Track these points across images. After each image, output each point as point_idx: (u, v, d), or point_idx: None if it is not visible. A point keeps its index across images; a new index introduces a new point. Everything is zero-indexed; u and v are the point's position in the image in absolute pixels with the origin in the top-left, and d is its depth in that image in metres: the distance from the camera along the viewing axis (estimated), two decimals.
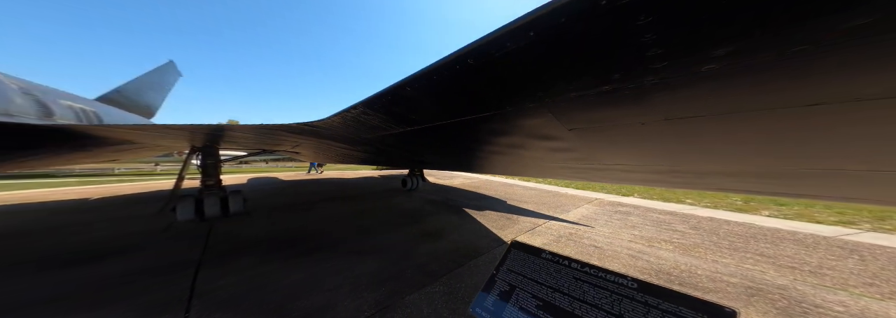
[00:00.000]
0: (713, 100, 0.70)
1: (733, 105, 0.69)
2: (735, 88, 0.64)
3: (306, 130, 2.12)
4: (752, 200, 6.20)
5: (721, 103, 0.70)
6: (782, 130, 0.75)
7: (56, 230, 3.60)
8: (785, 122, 0.71)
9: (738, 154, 0.99)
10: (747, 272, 2.40)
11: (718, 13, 0.47)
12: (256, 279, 2.22)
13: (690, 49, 0.56)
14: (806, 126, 0.71)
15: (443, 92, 1.03)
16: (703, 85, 0.65)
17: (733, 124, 0.78)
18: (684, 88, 0.67)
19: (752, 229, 3.74)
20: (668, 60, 0.60)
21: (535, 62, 0.71)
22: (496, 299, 0.88)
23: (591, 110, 0.91)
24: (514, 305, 0.82)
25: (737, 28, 0.49)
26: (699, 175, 1.40)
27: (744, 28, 0.48)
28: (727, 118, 0.75)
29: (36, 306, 1.80)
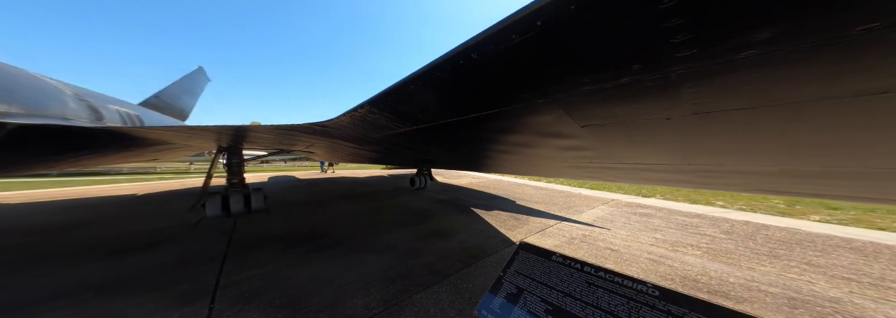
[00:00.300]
0: (757, 91, 0.60)
1: (783, 95, 0.59)
2: (783, 77, 0.55)
3: (318, 130, 2.20)
4: (797, 202, 5.56)
5: (767, 94, 0.60)
6: (847, 124, 0.64)
7: (109, 222, 4.04)
8: (849, 114, 0.60)
9: (789, 152, 0.86)
10: (791, 282, 2.15)
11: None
12: (274, 273, 2.34)
13: (727, 34, 0.48)
14: (877, 119, 0.60)
15: (446, 89, 1.01)
16: (743, 74, 0.56)
17: (783, 118, 0.67)
18: (719, 77, 0.59)
19: (798, 236, 3.36)
20: (698, 47, 0.52)
21: (544, 55, 0.66)
22: (503, 301, 0.85)
23: (608, 105, 0.84)
24: (522, 308, 0.79)
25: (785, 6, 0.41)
26: (736, 175, 1.25)
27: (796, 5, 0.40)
28: (774, 110, 0.65)
29: (88, 290, 2.03)
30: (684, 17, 0.47)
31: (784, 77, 0.54)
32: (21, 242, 3.21)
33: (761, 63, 0.52)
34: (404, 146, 2.51)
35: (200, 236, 3.44)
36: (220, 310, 1.78)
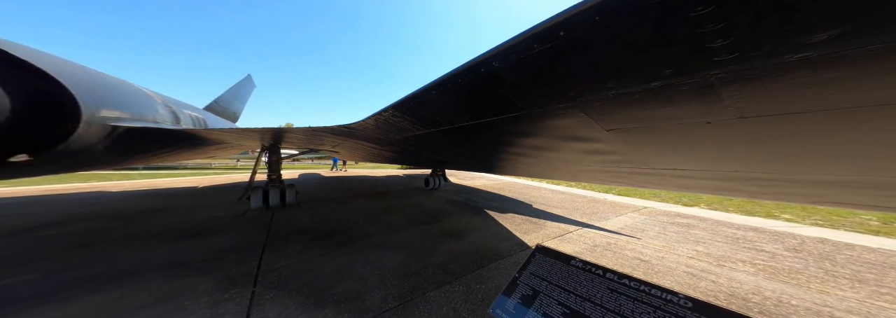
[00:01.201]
0: (816, 93, 0.53)
1: (844, 99, 0.52)
2: (844, 78, 0.47)
3: (344, 132, 2.39)
4: (894, 220, 4.50)
5: (824, 97, 0.53)
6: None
7: (178, 211, 4.80)
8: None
9: (852, 159, 0.73)
10: (879, 312, 1.77)
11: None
12: (303, 263, 2.58)
13: (773, 38, 0.43)
14: None
15: (467, 95, 1.04)
16: (797, 76, 0.50)
17: (846, 121, 0.58)
18: (768, 80, 0.53)
19: (863, 253, 2.74)
20: (739, 51, 0.48)
21: (565, 62, 0.66)
22: (518, 302, 0.85)
23: (636, 109, 0.79)
24: (537, 310, 0.78)
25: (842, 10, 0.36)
26: (799, 184, 1.06)
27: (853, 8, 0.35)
28: (838, 115, 0.56)
29: (162, 268, 2.44)
30: (723, 23, 0.44)
31: (850, 79, 0.47)
32: (122, 223, 3.97)
33: (822, 64, 0.46)
34: (422, 148, 2.59)
35: (245, 226, 3.91)
36: (260, 293, 2.02)
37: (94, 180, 9.63)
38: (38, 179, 9.21)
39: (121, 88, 2.47)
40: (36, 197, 6.17)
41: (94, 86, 1.88)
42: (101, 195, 6.54)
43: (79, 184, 8.49)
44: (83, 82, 1.77)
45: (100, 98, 1.90)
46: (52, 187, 7.69)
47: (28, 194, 6.51)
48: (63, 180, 9.40)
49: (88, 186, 8.17)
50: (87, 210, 4.89)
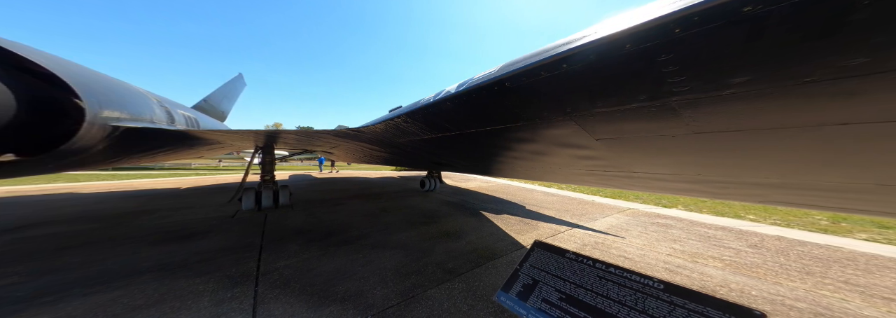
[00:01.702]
0: (746, 117, 0.72)
1: (763, 122, 0.70)
2: (761, 108, 0.66)
3: (351, 135, 2.45)
4: (842, 219, 5.08)
5: (750, 120, 0.72)
6: (818, 147, 0.73)
7: (164, 212, 4.59)
8: (819, 138, 0.69)
9: (777, 165, 0.94)
10: (822, 299, 2.05)
11: (724, 57, 0.54)
12: (302, 264, 2.58)
13: (708, 80, 0.62)
14: (830, 144, 0.69)
15: (479, 107, 1.18)
16: (730, 105, 0.69)
17: (771, 138, 0.77)
18: (711, 107, 0.71)
19: (838, 254, 3.12)
20: (689, 86, 0.66)
21: (565, 87, 0.82)
22: (520, 290, 0.97)
23: (620, 123, 0.96)
24: (537, 296, 0.90)
25: (746, 63, 0.55)
26: (748, 186, 1.29)
27: (752, 64, 0.54)
28: (764, 133, 0.75)
29: (152, 272, 2.38)
30: (677, 66, 0.60)
31: (768, 109, 0.65)
32: (104, 225, 3.76)
33: (744, 97, 0.64)
34: (426, 151, 2.70)
35: (238, 227, 3.82)
36: (263, 293, 2.03)
37: (60, 181, 8.91)
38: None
39: (120, 88, 2.41)
40: (5, 198, 5.66)
41: (97, 86, 1.85)
42: (74, 197, 6.10)
43: (45, 185, 7.84)
44: (87, 83, 1.75)
45: (102, 98, 1.87)
46: (18, 189, 7.07)
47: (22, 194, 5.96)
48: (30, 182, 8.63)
49: (57, 187, 7.57)
50: (66, 212, 4.58)
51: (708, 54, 0.56)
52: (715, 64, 0.58)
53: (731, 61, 0.56)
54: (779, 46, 0.49)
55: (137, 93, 2.90)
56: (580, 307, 0.81)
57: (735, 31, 0.49)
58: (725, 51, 0.53)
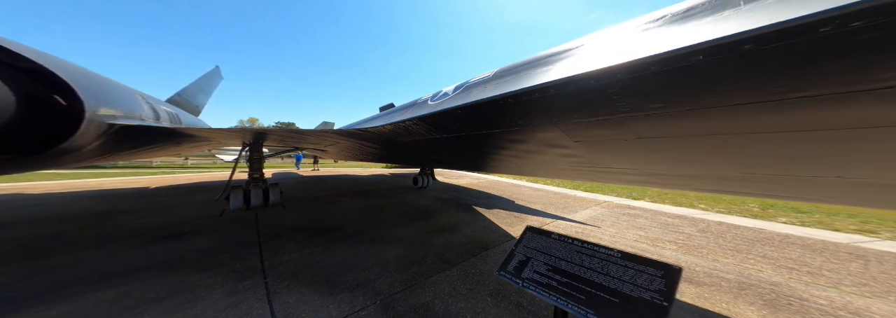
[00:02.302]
0: (664, 127, 1.05)
1: (678, 129, 1.03)
2: (669, 123, 0.99)
3: (357, 134, 2.54)
4: (770, 206, 6.09)
5: (670, 129, 1.05)
6: (719, 150, 1.11)
7: (144, 212, 4.30)
8: (720, 143, 1.06)
9: (696, 161, 1.33)
10: (744, 271, 2.58)
11: (648, 92, 0.85)
12: (306, 258, 2.67)
13: (637, 105, 0.94)
14: (718, 148, 1.07)
15: (484, 114, 1.39)
16: (652, 120, 1.01)
17: (689, 142, 1.11)
18: (643, 121, 1.04)
19: (762, 234, 3.82)
20: (628, 108, 0.97)
21: (552, 103, 1.07)
22: (516, 265, 1.21)
23: (591, 130, 1.26)
24: (530, 269, 1.15)
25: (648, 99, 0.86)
26: (677, 177, 1.73)
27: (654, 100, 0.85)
28: (679, 139, 1.09)
29: (152, 269, 2.34)
30: (620, 95, 0.86)
31: (671, 123, 0.97)
32: (79, 226, 3.49)
33: (661, 116, 0.95)
34: (427, 149, 2.88)
35: (229, 226, 3.74)
36: (274, 284, 2.12)
37: (4, 182, 7.78)
38: None
39: (111, 86, 2.26)
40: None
41: (93, 85, 1.76)
42: (26, 197, 5.44)
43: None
44: (84, 82, 1.67)
45: (99, 97, 1.79)
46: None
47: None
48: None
49: (5, 186, 6.63)
50: (31, 213, 4.15)
51: (636, 90, 0.88)
52: (641, 95, 0.90)
53: (649, 94, 0.88)
54: (674, 90, 0.81)
55: (126, 90, 2.72)
56: (562, 275, 1.06)
57: (652, 78, 0.81)
58: (646, 88, 0.85)
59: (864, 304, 2.01)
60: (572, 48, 1.37)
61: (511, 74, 1.91)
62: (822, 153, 0.90)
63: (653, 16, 1.05)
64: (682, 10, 0.93)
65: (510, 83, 1.70)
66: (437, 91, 3.56)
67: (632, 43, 0.95)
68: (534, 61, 1.73)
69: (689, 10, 0.90)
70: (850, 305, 1.99)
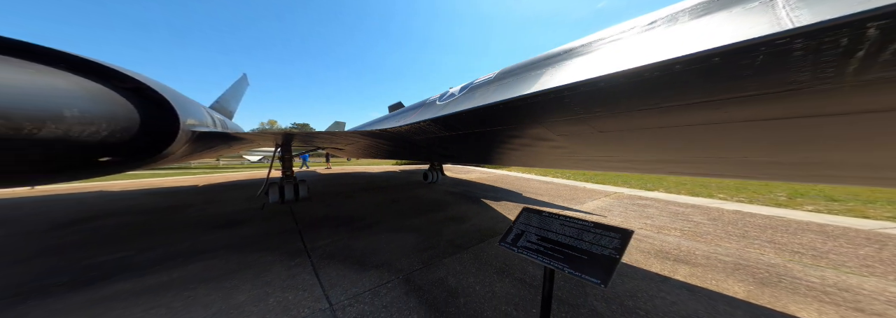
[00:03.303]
0: (611, 123, 1.32)
1: (620, 126, 1.31)
2: (613, 119, 1.25)
3: (376, 134, 2.93)
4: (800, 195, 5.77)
5: (617, 125, 1.31)
6: (652, 141, 1.39)
7: (199, 206, 5.09)
8: (651, 136, 1.33)
9: (644, 149, 1.64)
10: (745, 254, 2.68)
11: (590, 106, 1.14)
12: (338, 243, 3.14)
13: (588, 108, 1.22)
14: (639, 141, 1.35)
15: (491, 115, 1.70)
16: (600, 118, 1.27)
17: (632, 135, 1.39)
18: (595, 121, 1.31)
19: (778, 222, 3.77)
20: (583, 110, 1.25)
21: (540, 108, 1.38)
22: (514, 237, 1.51)
23: (569, 126, 1.54)
24: (525, 239, 1.44)
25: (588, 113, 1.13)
26: (646, 162, 2.01)
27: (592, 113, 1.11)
28: (627, 133, 1.37)
29: (222, 250, 2.92)
30: (575, 102, 1.13)
31: (612, 122, 1.25)
32: (157, 217, 4.28)
33: (605, 116, 1.22)
34: (438, 145, 3.21)
35: (271, 217, 4.35)
36: (317, 262, 2.59)
37: (90, 182, 9.26)
38: None
39: (187, 99, 2.82)
40: (50, 196, 6.10)
41: (179, 100, 2.26)
42: (108, 194, 6.55)
43: (77, 184, 8.22)
44: (175, 98, 2.17)
45: (184, 110, 2.29)
46: (52, 188, 7.46)
47: (39, 195, 6.39)
48: None
49: (86, 186, 7.96)
50: (116, 207, 5.08)
51: (581, 99, 1.16)
52: (587, 104, 1.19)
53: (592, 103, 1.17)
54: (619, 98, 1.05)
55: (194, 102, 3.30)
56: (549, 242, 1.35)
57: (593, 94, 1.08)
58: (587, 99, 1.12)
59: (857, 282, 2.08)
60: (558, 55, 1.63)
61: (510, 76, 2.16)
62: (739, 138, 1.11)
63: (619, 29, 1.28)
64: (646, 23, 1.15)
65: (507, 87, 1.98)
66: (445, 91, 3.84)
67: (586, 65, 1.23)
68: (528, 65, 1.99)
69: (652, 23, 1.12)
70: (843, 282, 2.08)
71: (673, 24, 1.03)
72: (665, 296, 1.94)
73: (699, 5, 1.00)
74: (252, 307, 1.84)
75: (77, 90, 1.57)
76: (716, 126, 1.05)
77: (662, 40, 0.99)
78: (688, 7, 1.04)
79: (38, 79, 1.44)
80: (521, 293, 2.01)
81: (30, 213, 4.68)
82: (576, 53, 1.49)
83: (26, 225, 3.92)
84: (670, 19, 1.06)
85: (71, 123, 1.47)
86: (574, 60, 1.44)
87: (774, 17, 0.73)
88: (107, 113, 1.68)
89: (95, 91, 1.68)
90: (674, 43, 0.92)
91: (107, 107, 1.70)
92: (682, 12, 1.05)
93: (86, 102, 1.58)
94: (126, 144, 1.85)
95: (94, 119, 1.60)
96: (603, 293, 1.99)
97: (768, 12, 0.76)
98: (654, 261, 2.57)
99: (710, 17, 0.93)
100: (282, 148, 5.32)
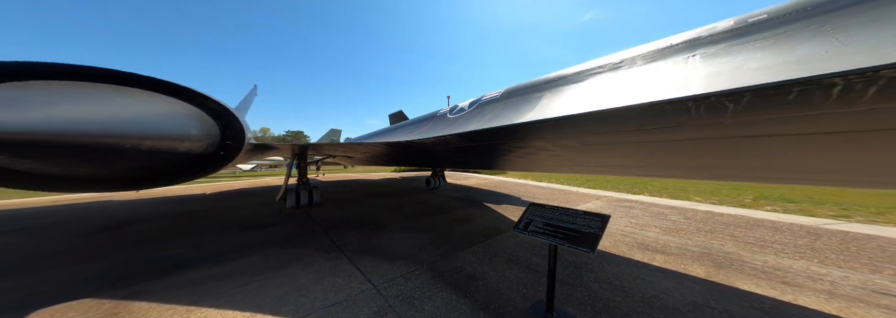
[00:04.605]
0: (590, 139, 1.84)
1: (597, 140, 1.83)
2: (591, 136, 1.77)
3: (405, 144, 3.45)
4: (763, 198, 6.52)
5: (597, 140, 1.84)
6: (620, 151, 1.94)
7: (219, 212, 5.31)
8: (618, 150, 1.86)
9: (621, 157, 2.21)
10: (709, 245, 3.22)
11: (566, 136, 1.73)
12: (362, 240, 3.51)
13: (567, 136, 1.79)
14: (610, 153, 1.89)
15: (499, 132, 2.22)
16: (584, 136, 1.80)
17: (607, 147, 1.92)
18: (575, 138, 1.85)
19: (740, 220, 4.38)
20: (573, 132, 1.78)
21: (536, 128, 1.90)
22: (524, 225, 1.99)
23: (562, 141, 2.09)
24: (533, 226, 1.92)
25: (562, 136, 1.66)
26: (618, 167, 2.68)
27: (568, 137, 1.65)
28: (604, 146, 1.91)
29: (261, 247, 3.23)
30: (554, 134, 1.67)
31: (586, 145, 1.81)
32: (188, 221, 4.52)
33: (578, 147, 1.84)
34: (452, 154, 3.74)
35: (293, 220, 4.65)
36: (350, 255, 2.96)
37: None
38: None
39: (242, 114, 3.28)
40: (79, 204, 6.17)
41: (239, 116, 2.71)
42: (125, 203, 6.63)
43: (71, 195, 8.14)
44: (241, 117, 2.63)
45: (246, 126, 2.74)
46: (62, 198, 7.39)
47: (62, 203, 6.42)
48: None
49: (86, 196, 7.91)
50: (146, 212, 5.33)
51: (573, 124, 1.67)
52: (564, 134, 1.78)
53: (568, 136, 1.76)
54: (574, 136, 1.60)
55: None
56: (551, 226, 1.83)
57: (582, 121, 1.59)
58: (576, 124, 1.63)
59: (788, 263, 2.64)
60: (555, 80, 2.23)
61: (515, 97, 2.74)
62: (685, 151, 1.66)
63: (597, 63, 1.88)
64: (616, 61, 1.76)
65: (513, 106, 2.55)
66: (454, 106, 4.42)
67: (578, 97, 1.77)
68: (529, 87, 2.59)
69: (621, 62, 1.72)
70: (779, 264, 2.63)
71: (632, 67, 1.62)
72: (644, 277, 2.42)
73: (649, 53, 1.59)
74: (314, 287, 2.20)
75: (192, 115, 2.07)
76: (671, 143, 1.59)
77: (627, 81, 1.57)
78: (638, 54, 1.63)
79: (176, 108, 1.95)
80: (529, 277, 2.44)
81: (68, 219, 4.86)
82: (569, 80, 2.05)
83: (74, 229, 4.15)
84: (630, 62, 1.65)
85: (193, 140, 1.95)
86: (569, 87, 1.98)
87: (683, 79, 1.30)
88: (208, 132, 2.17)
89: (200, 116, 2.18)
90: (634, 86, 1.48)
91: (207, 127, 2.20)
92: (638, 56, 1.64)
93: (197, 124, 2.08)
94: (212, 155, 2.30)
95: (201, 137, 2.08)
96: (595, 276, 2.45)
97: (679, 73, 1.35)
98: (636, 251, 3.07)
99: (656, 64, 1.52)
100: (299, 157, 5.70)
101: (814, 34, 1.02)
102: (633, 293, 2.12)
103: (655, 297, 2.05)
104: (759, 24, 1.21)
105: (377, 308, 1.92)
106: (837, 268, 2.53)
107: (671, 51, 1.52)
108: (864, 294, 2.09)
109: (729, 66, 1.18)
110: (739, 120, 1.16)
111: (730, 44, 1.27)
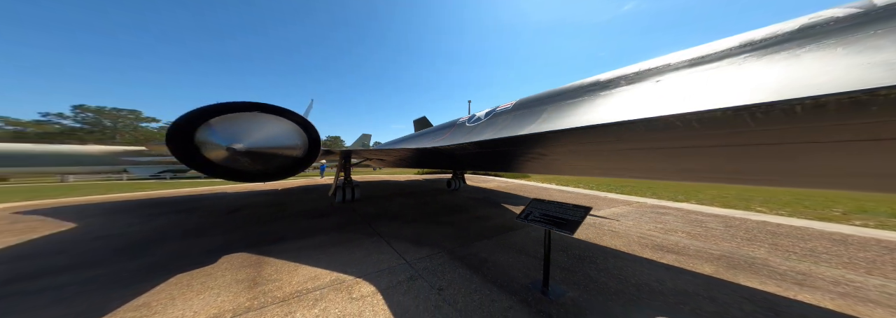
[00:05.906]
0: (578, 148, 2.24)
1: (586, 148, 2.21)
2: (579, 144, 2.18)
3: (430, 150, 4.26)
4: (860, 211, 5.37)
5: (584, 149, 2.24)
6: (606, 160, 2.27)
7: (290, 204, 6.87)
8: (607, 157, 2.20)
9: (612, 161, 2.48)
10: (736, 250, 3.11)
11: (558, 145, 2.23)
12: (395, 230, 4.32)
13: (555, 148, 2.27)
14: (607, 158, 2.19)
15: (508, 141, 2.78)
16: (570, 145, 2.24)
17: (594, 154, 2.29)
18: (561, 146, 2.33)
19: (799, 231, 3.91)
20: (560, 145, 2.24)
21: (540, 139, 2.43)
22: (525, 215, 2.48)
23: (555, 146, 2.53)
24: (532, 216, 2.40)
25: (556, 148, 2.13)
26: (609, 170, 2.98)
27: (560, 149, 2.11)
28: (593, 154, 2.29)
29: (328, 230, 4.32)
30: (542, 147, 2.16)
31: (576, 153, 2.26)
32: (272, 210, 6.07)
33: (563, 152, 2.27)
34: (470, 158, 4.39)
35: (342, 211, 5.81)
36: (387, 239, 3.78)
37: (183, 187, 12.38)
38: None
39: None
40: (211, 193, 8.76)
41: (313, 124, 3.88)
42: (230, 194, 8.96)
43: (202, 188, 11.18)
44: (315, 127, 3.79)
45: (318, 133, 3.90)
46: (187, 190, 10.38)
47: (189, 193, 9.13)
48: (171, 186, 12.24)
49: (211, 189, 10.80)
50: (253, 201, 7.21)
51: (549, 144, 2.17)
52: (550, 147, 2.29)
53: (556, 149, 2.27)
54: (564, 152, 2.04)
55: None
56: (546, 216, 2.28)
57: (595, 132, 2.04)
58: (582, 135, 2.07)
59: (821, 271, 2.47)
60: (557, 95, 2.72)
61: (524, 109, 3.26)
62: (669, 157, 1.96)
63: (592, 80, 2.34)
64: (606, 80, 2.21)
65: (519, 118, 3.07)
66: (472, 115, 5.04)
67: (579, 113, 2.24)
68: (535, 100, 3.09)
69: (610, 81, 2.16)
70: (808, 270, 2.49)
71: (615, 87, 2.06)
72: (643, 270, 2.62)
73: (630, 75, 2.01)
74: (366, 259, 3.04)
75: (297, 130, 3.24)
76: (644, 151, 1.95)
77: (610, 101, 2.00)
78: (621, 75, 2.06)
79: (286, 126, 3.08)
80: (533, 263, 2.86)
81: (207, 205, 6.90)
82: (567, 96, 2.51)
83: (213, 210, 6.04)
84: (614, 84, 2.08)
85: (299, 148, 3.09)
86: (567, 103, 2.42)
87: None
88: (303, 141, 3.30)
89: (299, 130, 3.33)
90: (625, 105, 1.91)
91: (303, 138, 3.32)
92: (621, 77, 2.07)
93: (300, 136, 3.24)
94: (303, 158, 3.45)
95: (301, 145, 3.20)
96: (596, 266, 2.73)
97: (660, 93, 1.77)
98: (647, 251, 3.18)
99: (635, 85, 1.94)
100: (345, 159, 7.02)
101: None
102: (627, 280, 2.38)
103: (647, 284, 2.28)
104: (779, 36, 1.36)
105: (411, 275, 2.61)
106: None
107: (641, 76, 1.92)
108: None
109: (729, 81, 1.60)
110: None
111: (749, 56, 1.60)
